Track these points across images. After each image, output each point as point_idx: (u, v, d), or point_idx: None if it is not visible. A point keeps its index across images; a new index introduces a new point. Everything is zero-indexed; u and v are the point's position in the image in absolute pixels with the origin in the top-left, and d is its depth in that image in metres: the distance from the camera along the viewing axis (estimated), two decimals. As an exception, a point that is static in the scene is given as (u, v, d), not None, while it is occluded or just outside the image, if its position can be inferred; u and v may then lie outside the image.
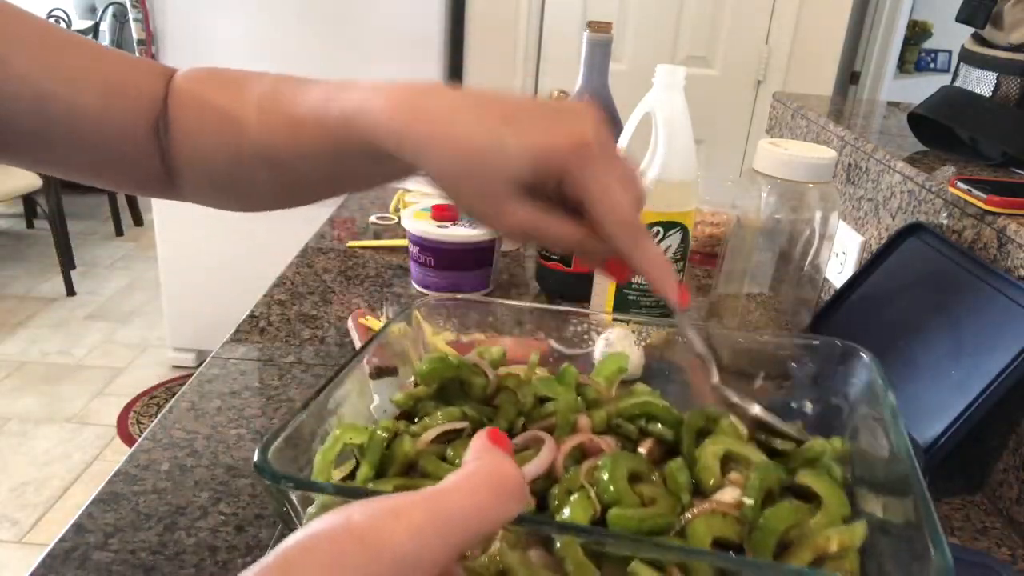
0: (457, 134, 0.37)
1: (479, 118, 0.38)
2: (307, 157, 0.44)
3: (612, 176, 0.38)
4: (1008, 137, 0.82)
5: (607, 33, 0.83)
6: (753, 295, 0.77)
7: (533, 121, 0.38)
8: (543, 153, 0.37)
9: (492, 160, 0.37)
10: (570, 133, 0.37)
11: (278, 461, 0.33)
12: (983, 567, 0.47)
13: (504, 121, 0.37)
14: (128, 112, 0.48)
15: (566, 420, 0.41)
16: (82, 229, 3.73)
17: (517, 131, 0.37)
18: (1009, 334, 0.60)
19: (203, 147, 0.48)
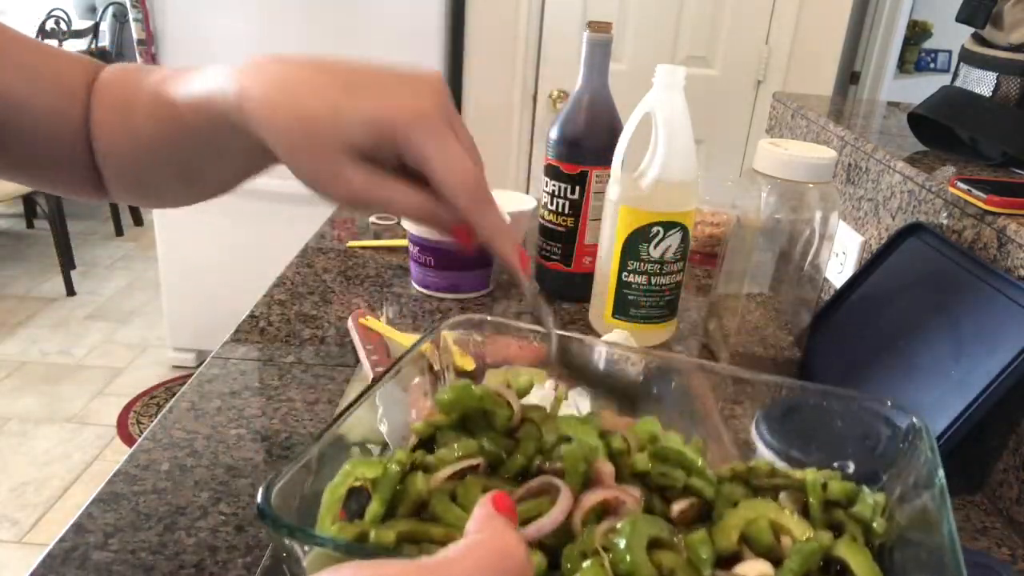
0: (293, 101, 0.37)
1: (317, 85, 0.37)
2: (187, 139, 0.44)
3: (452, 141, 0.38)
4: (1008, 137, 0.82)
5: (607, 33, 0.83)
6: (753, 295, 0.77)
7: (372, 89, 0.37)
8: (380, 121, 0.37)
9: (327, 127, 0.37)
10: (409, 102, 0.37)
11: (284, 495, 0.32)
12: (983, 567, 0.47)
13: (343, 88, 0.37)
14: (73, 109, 0.47)
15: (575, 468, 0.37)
16: (82, 229, 3.73)
17: (354, 98, 0.37)
18: (1009, 334, 0.60)
19: (108, 138, 0.48)
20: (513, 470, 0.40)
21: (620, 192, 0.78)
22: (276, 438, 0.63)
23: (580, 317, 0.88)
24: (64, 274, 3.08)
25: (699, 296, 0.99)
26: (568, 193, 0.87)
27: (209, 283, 2.40)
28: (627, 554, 0.32)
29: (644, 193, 0.76)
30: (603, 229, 0.81)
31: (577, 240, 0.89)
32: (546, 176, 0.89)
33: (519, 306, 0.91)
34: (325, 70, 0.38)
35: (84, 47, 3.50)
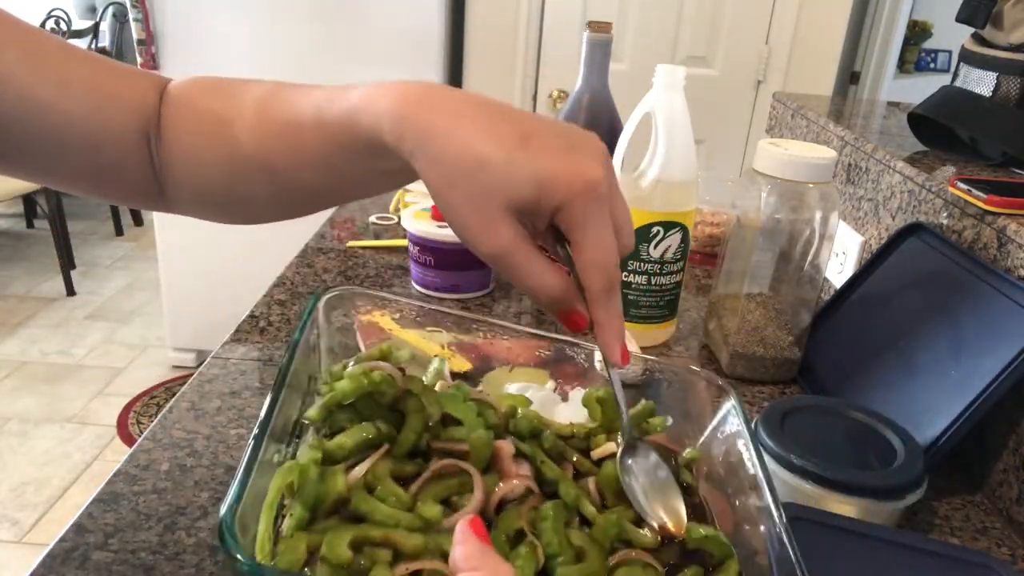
0: (463, 135, 0.36)
1: (491, 126, 0.36)
2: (306, 162, 0.43)
3: (608, 219, 0.37)
4: (1008, 137, 0.82)
5: (607, 33, 0.83)
6: (753, 295, 0.77)
7: (547, 146, 0.36)
8: (551, 182, 0.35)
9: (496, 174, 0.35)
10: (581, 167, 0.36)
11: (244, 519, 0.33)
12: (983, 567, 0.46)
13: (520, 138, 0.36)
14: (116, 119, 0.47)
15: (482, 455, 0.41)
16: (82, 229, 3.73)
17: (530, 152, 0.36)
18: (1009, 334, 0.60)
19: (197, 156, 0.47)
20: (405, 447, 0.41)
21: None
22: (276, 438, 0.63)
23: (580, 317, 0.88)
24: (64, 274, 3.08)
25: (699, 296, 0.99)
26: (568, 193, 0.87)
27: (209, 283, 2.40)
28: (554, 537, 0.37)
29: (644, 193, 0.76)
30: (603, 229, 0.81)
31: (577, 240, 0.89)
32: (546, 176, 0.89)
33: (519, 306, 0.91)
34: (500, 114, 0.37)
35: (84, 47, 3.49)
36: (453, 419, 0.44)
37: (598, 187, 0.36)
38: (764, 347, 0.76)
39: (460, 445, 0.42)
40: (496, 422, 0.45)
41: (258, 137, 0.44)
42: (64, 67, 0.45)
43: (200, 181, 0.48)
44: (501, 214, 0.36)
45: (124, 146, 0.47)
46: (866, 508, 0.52)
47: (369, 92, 0.39)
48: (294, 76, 0.55)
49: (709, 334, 0.84)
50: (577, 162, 0.36)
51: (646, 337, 0.82)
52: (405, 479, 0.40)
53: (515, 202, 0.36)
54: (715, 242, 1.07)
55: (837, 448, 0.57)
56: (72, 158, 0.47)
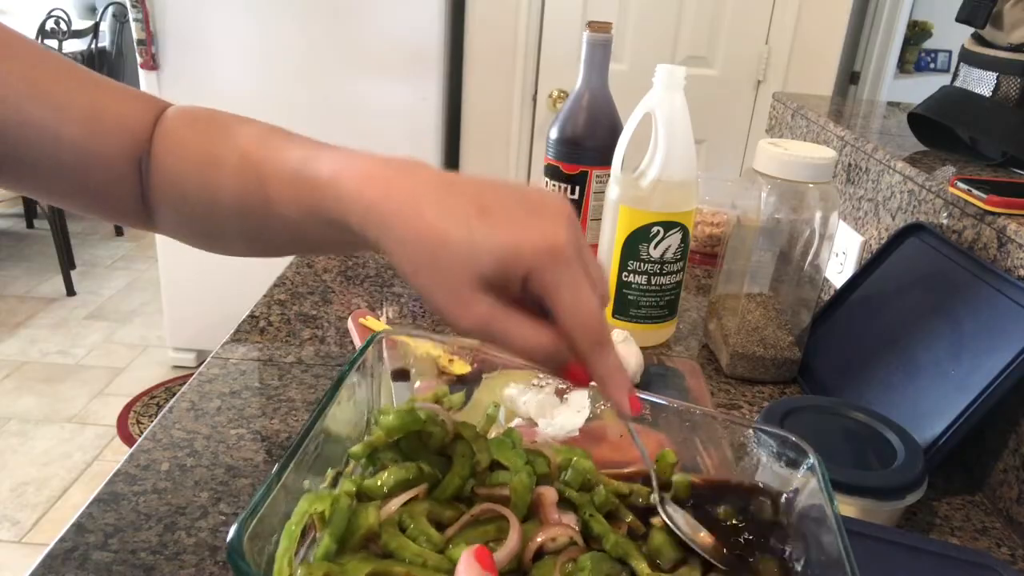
0: (424, 219, 0.36)
1: (450, 205, 0.36)
2: (277, 219, 0.43)
3: (581, 278, 0.36)
4: (1008, 137, 0.82)
5: (607, 33, 0.83)
6: (753, 295, 0.77)
7: (506, 216, 0.36)
8: (514, 253, 0.35)
9: (458, 251, 0.35)
10: (543, 234, 0.36)
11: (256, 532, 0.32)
12: (983, 567, 0.46)
13: (477, 212, 0.36)
14: (109, 144, 0.47)
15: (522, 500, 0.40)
16: (82, 229, 3.73)
17: (488, 224, 0.35)
18: (1009, 334, 0.60)
19: (182, 191, 0.47)
20: (449, 491, 0.41)
21: (620, 192, 0.78)
22: (276, 438, 0.63)
23: (580, 317, 0.88)
24: (64, 274, 3.08)
25: (699, 296, 0.99)
26: (568, 193, 0.87)
27: (209, 283, 2.40)
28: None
29: (644, 193, 0.76)
30: (603, 229, 0.81)
31: (577, 240, 0.89)
32: (546, 176, 0.89)
33: (519, 306, 0.91)
34: (456, 191, 0.37)
35: (84, 47, 3.50)
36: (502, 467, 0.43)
37: (562, 251, 0.36)
38: (764, 347, 0.76)
39: (503, 491, 0.41)
40: (546, 471, 0.43)
41: (238, 184, 0.44)
42: (65, 91, 0.45)
43: (182, 214, 0.48)
44: (471, 290, 0.36)
45: (115, 170, 0.47)
46: (866, 508, 0.52)
47: (338, 168, 0.39)
48: (294, 76, 0.56)
49: (709, 334, 0.84)
50: (538, 228, 0.36)
51: (646, 337, 0.82)
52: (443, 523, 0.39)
53: (482, 276, 0.36)
54: (715, 242, 1.07)
55: (837, 448, 0.57)
56: (64, 179, 0.47)
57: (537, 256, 0.35)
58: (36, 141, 0.45)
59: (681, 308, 0.89)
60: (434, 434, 0.42)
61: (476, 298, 0.36)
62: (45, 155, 0.46)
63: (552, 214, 0.37)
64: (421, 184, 0.37)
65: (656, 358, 0.80)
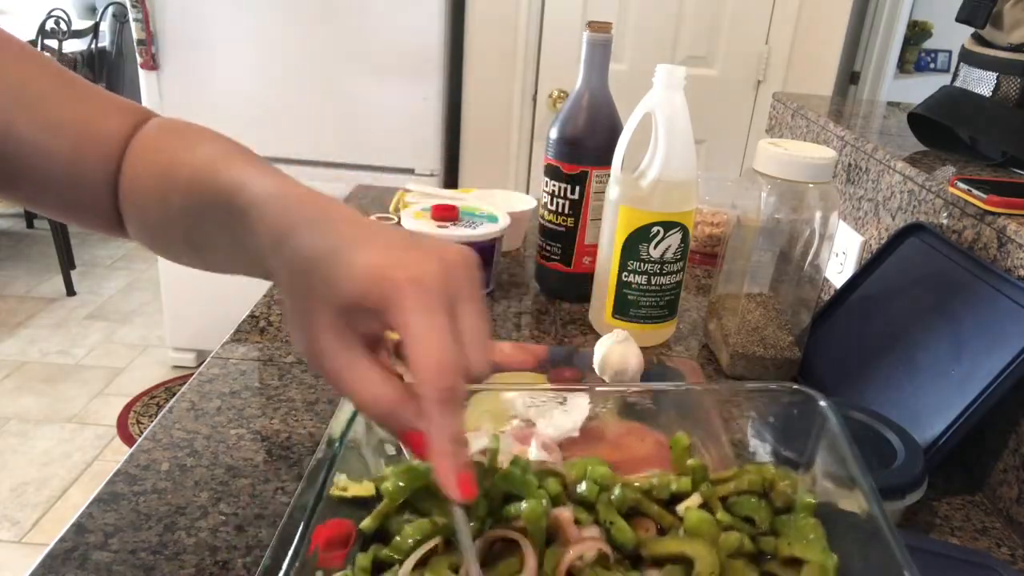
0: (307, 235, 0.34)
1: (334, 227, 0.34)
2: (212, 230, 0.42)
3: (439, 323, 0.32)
4: (1008, 137, 0.82)
5: (607, 33, 0.83)
6: (753, 295, 0.77)
7: (383, 244, 0.34)
8: (373, 278, 0.32)
9: (323, 269, 0.33)
10: (411, 265, 0.33)
11: None
12: (983, 567, 0.46)
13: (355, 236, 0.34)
14: (99, 159, 0.47)
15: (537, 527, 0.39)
16: (82, 229, 3.72)
17: (361, 249, 0.33)
18: (1009, 334, 0.60)
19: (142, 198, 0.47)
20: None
21: (620, 192, 0.78)
22: (276, 438, 0.63)
23: (580, 317, 0.88)
24: (64, 274, 3.08)
25: (699, 296, 0.99)
26: (568, 193, 0.87)
27: (209, 283, 2.39)
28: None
29: (644, 193, 0.76)
30: (603, 229, 0.81)
31: (577, 240, 0.89)
32: (546, 176, 0.89)
33: (519, 306, 0.91)
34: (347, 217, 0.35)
35: (84, 47, 3.50)
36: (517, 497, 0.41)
37: (423, 285, 0.32)
38: (764, 347, 0.76)
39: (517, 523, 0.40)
40: (559, 490, 0.42)
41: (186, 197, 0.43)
42: (57, 108, 0.45)
43: (144, 224, 0.48)
44: (324, 315, 0.34)
45: (98, 183, 0.47)
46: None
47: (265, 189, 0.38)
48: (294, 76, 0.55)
49: (709, 334, 0.84)
50: (408, 257, 0.33)
51: (646, 337, 0.82)
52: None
53: (339, 301, 0.33)
54: (715, 242, 1.07)
55: (837, 448, 0.57)
56: (51, 192, 0.48)
57: (396, 284, 0.32)
58: (26, 157, 0.45)
59: (681, 308, 0.89)
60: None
61: (324, 325, 0.34)
62: (35, 170, 0.46)
63: (436, 253, 0.34)
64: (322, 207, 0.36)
65: (656, 358, 0.80)
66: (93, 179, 0.47)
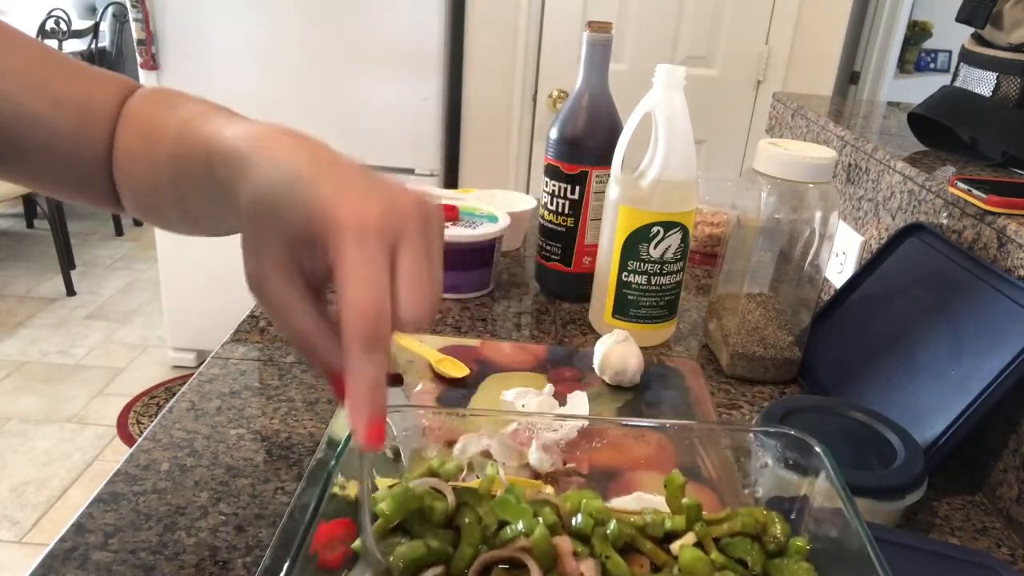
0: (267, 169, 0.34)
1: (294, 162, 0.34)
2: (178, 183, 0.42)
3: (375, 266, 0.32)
4: (1008, 137, 0.82)
5: (607, 33, 0.83)
6: (753, 295, 0.77)
7: (335, 182, 0.33)
8: (317, 213, 0.32)
9: (274, 201, 0.34)
10: (357, 203, 0.32)
11: None
12: (983, 567, 0.46)
13: (310, 171, 0.33)
14: (95, 131, 0.48)
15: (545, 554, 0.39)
16: (82, 229, 3.73)
17: (312, 183, 0.33)
18: (1009, 334, 0.60)
19: (131, 165, 0.47)
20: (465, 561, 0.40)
21: (620, 192, 0.78)
22: (276, 438, 0.63)
23: (580, 317, 0.88)
24: (64, 274, 3.08)
25: (699, 296, 0.99)
26: (568, 193, 0.87)
27: (209, 283, 2.40)
28: None
29: (644, 193, 0.76)
30: (603, 229, 0.81)
31: (577, 240, 0.89)
32: (546, 176, 0.89)
33: (519, 306, 0.91)
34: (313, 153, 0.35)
35: (84, 47, 3.50)
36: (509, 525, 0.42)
37: (365, 226, 0.32)
38: (764, 347, 0.76)
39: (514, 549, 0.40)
40: (554, 520, 0.43)
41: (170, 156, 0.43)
42: (60, 84, 0.46)
43: (135, 191, 0.49)
44: (274, 248, 0.34)
45: (97, 156, 0.48)
46: (866, 508, 0.52)
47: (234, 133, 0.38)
48: (294, 76, 0.56)
49: (709, 334, 0.84)
50: (354, 197, 0.32)
51: (646, 337, 0.82)
52: None
53: (287, 235, 0.34)
54: (715, 242, 1.07)
55: (837, 448, 0.57)
56: (55, 168, 0.48)
57: (338, 223, 0.32)
58: (32, 133, 0.46)
59: (681, 308, 0.89)
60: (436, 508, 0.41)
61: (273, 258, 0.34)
62: (40, 146, 0.46)
63: (388, 194, 0.33)
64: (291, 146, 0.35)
65: (656, 358, 0.80)
66: (92, 153, 0.48)
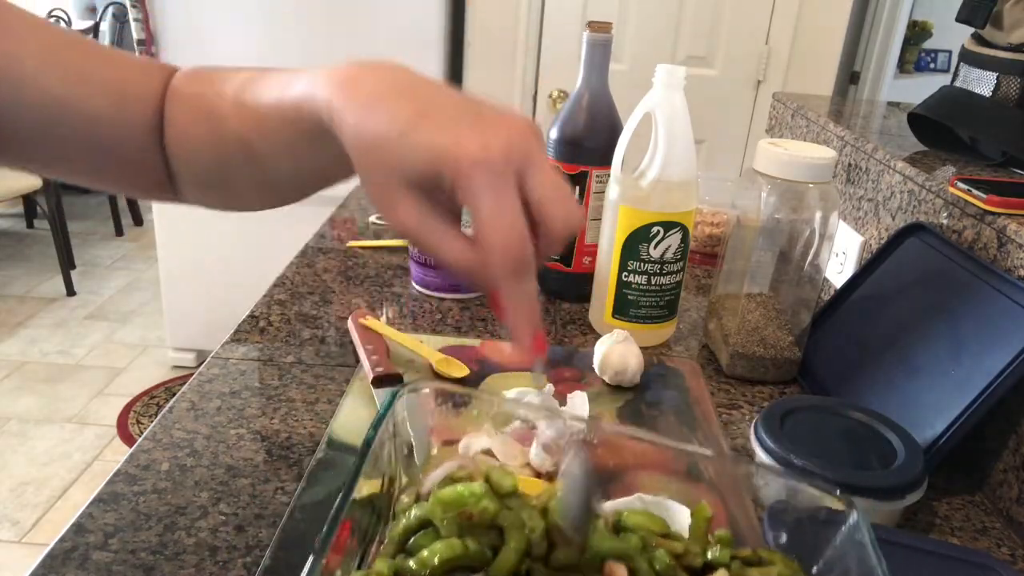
0: (370, 115, 0.36)
1: (398, 107, 0.36)
2: (274, 146, 0.43)
3: (507, 194, 0.34)
4: (1008, 137, 0.82)
5: (607, 33, 0.83)
6: (753, 295, 0.77)
7: (444, 119, 0.35)
8: (439, 157, 0.34)
9: (390, 153, 0.35)
10: (475, 142, 0.34)
11: None
12: (983, 567, 0.46)
13: (416, 113, 0.35)
14: (136, 115, 0.47)
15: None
16: (82, 229, 3.73)
17: (424, 128, 0.35)
18: (1009, 334, 0.60)
19: (189, 142, 0.48)
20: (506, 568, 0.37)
21: (620, 192, 0.78)
22: (276, 438, 0.63)
23: (580, 317, 0.88)
24: (64, 274, 3.08)
25: (699, 296, 0.99)
26: (568, 193, 0.87)
27: (209, 283, 2.40)
28: None
29: (644, 193, 0.76)
30: (603, 229, 0.81)
31: (577, 240, 0.89)
32: (546, 176, 0.89)
33: (519, 306, 0.91)
34: (412, 94, 0.36)
35: (84, 47, 3.49)
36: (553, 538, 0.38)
37: (489, 162, 0.34)
38: (764, 347, 0.76)
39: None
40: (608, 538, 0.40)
41: (237, 121, 0.44)
42: (83, 66, 0.46)
43: (194, 167, 0.49)
44: (401, 191, 0.36)
45: (141, 140, 0.48)
46: (866, 508, 0.52)
47: (313, 79, 0.39)
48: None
49: (709, 334, 0.84)
50: (473, 137, 0.34)
51: (646, 337, 0.82)
52: None
53: (411, 178, 0.35)
54: (715, 242, 1.07)
55: (837, 448, 0.57)
56: (96, 155, 0.48)
57: (461, 163, 0.34)
58: (67, 121, 0.45)
59: (681, 308, 0.89)
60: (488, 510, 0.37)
61: (404, 200, 0.36)
62: (74, 132, 0.46)
63: (498, 125, 0.35)
64: (377, 82, 0.37)
65: (656, 358, 0.80)
66: (135, 138, 0.48)
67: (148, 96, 0.48)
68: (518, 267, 0.35)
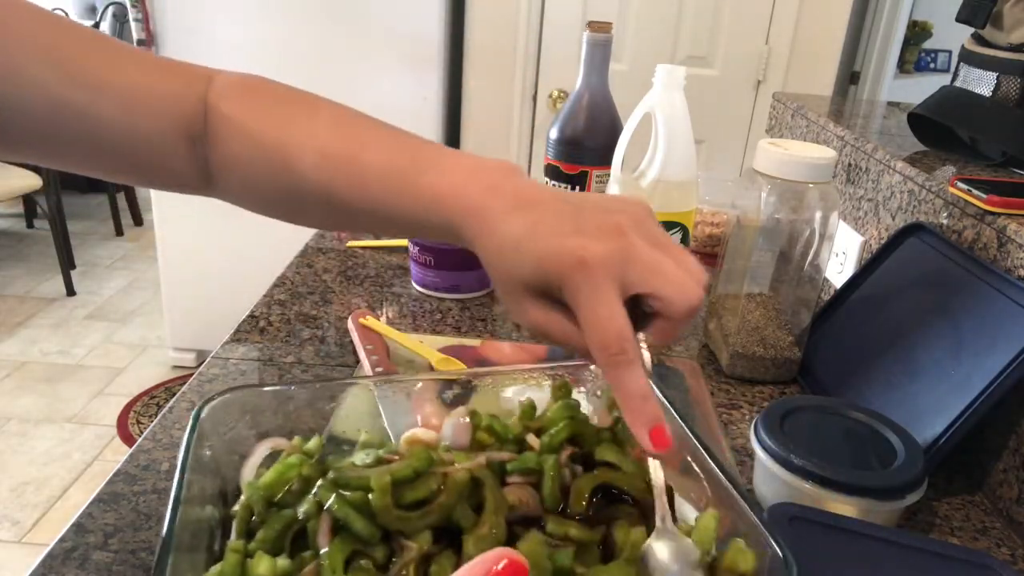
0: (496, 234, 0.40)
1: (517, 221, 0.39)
2: (377, 212, 0.45)
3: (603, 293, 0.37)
4: (1008, 137, 0.82)
5: (607, 33, 0.83)
6: (753, 295, 0.77)
7: (550, 231, 0.38)
8: (544, 267, 0.38)
9: (509, 263, 0.39)
10: (575, 248, 0.37)
11: None
12: (983, 567, 0.46)
13: (530, 226, 0.39)
14: (154, 122, 0.46)
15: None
16: (82, 229, 3.73)
17: (535, 238, 0.38)
18: (1009, 334, 0.60)
19: (250, 172, 0.47)
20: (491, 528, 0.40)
21: (620, 192, 0.78)
22: (276, 438, 0.63)
23: (580, 317, 0.88)
24: (64, 274, 3.08)
25: (699, 296, 0.98)
26: (568, 193, 0.87)
27: (209, 283, 2.40)
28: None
29: (644, 193, 0.76)
30: (603, 229, 0.81)
31: (577, 240, 0.88)
32: (546, 176, 0.89)
33: (519, 306, 0.91)
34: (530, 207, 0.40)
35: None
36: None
37: (587, 267, 0.37)
38: (764, 347, 0.76)
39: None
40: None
41: (321, 177, 0.45)
42: (98, 72, 0.44)
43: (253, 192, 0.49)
44: (524, 295, 0.40)
45: (163, 147, 0.47)
46: (866, 508, 0.52)
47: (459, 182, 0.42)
48: (294, 76, 0.56)
49: (709, 334, 0.84)
50: (571, 244, 0.37)
51: (646, 337, 0.82)
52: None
53: (529, 284, 0.39)
54: (715, 242, 1.07)
55: (837, 448, 0.57)
56: (109, 157, 0.47)
57: (562, 270, 0.37)
58: (76, 126, 0.44)
59: (681, 308, 0.89)
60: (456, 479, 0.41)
61: (529, 302, 0.40)
62: (87, 138, 0.45)
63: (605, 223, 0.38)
64: (507, 199, 0.41)
65: (656, 358, 0.80)
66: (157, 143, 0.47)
67: (172, 106, 0.47)
68: (616, 360, 0.37)
